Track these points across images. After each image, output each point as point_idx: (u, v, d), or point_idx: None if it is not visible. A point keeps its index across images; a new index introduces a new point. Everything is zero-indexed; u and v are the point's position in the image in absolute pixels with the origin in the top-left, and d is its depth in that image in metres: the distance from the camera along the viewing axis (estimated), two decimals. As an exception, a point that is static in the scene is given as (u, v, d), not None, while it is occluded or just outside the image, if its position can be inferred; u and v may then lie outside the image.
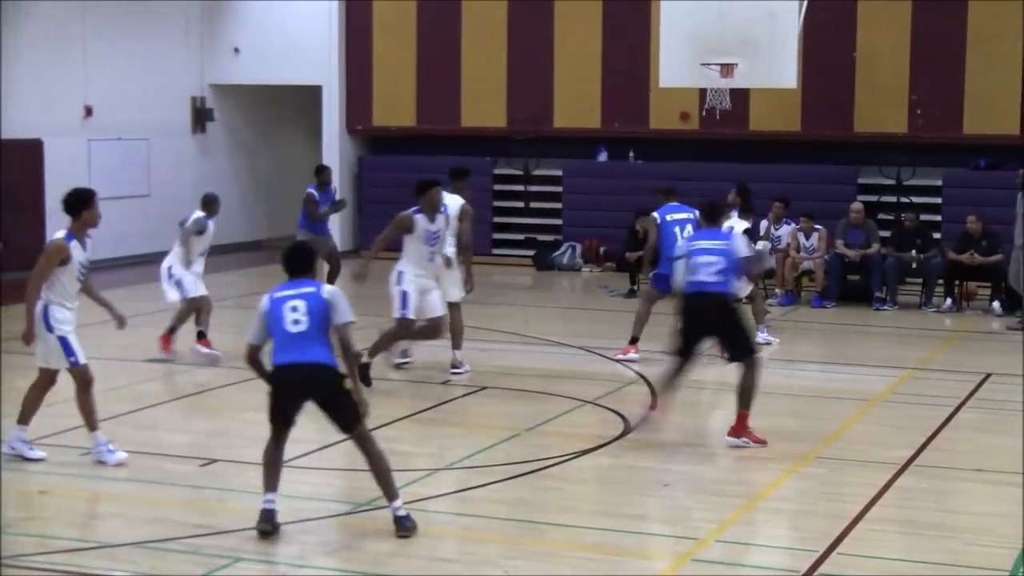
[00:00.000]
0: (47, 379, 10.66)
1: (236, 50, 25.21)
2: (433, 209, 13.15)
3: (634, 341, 14.88)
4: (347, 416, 8.84)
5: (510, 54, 24.05)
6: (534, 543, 8.90)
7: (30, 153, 21.59)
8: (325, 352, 8.77)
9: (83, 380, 10.53)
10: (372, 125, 25.12)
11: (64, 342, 10.43)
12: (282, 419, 8.91)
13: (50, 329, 10.41)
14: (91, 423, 10.55)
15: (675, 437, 11.47)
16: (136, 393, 13.21)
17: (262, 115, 26.62)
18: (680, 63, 20.02)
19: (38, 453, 10.60)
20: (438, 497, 9.70)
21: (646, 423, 11.50)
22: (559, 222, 23.80)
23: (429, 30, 24.45)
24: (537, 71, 23.89)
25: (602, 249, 23.27)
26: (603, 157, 23.85)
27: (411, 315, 13.16)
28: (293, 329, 8.72)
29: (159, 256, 23.72)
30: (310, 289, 8.86)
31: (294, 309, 8.75)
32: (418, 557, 8.48)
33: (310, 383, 8.77)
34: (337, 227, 24.81)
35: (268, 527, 8.77)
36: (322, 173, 18.78)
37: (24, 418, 10.63)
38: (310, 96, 25.33)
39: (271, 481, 8.92)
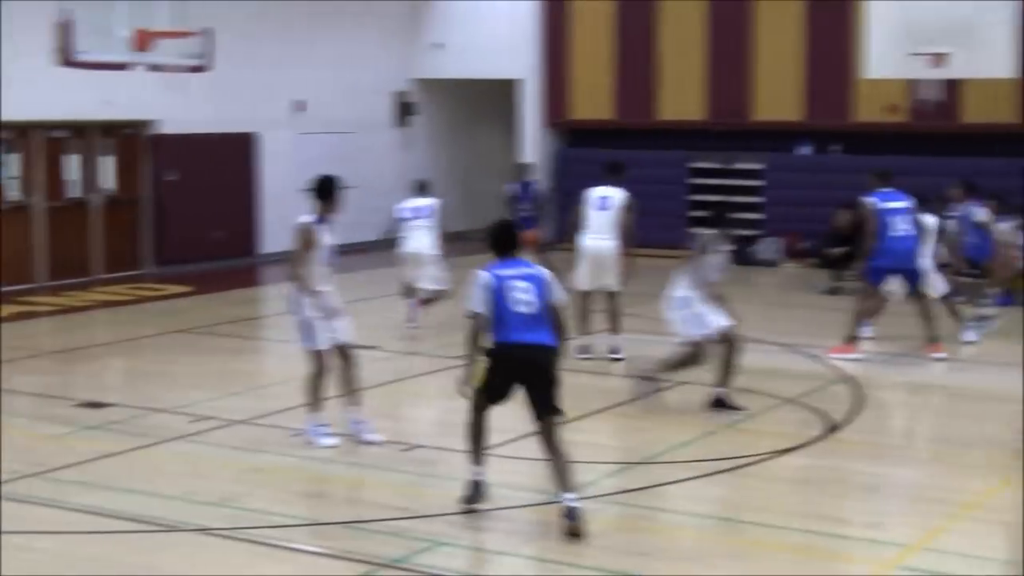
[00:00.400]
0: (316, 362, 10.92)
1: (439, 45, 25.69)
2: None
3: (852, 340, 14.68)
4: (551, 400, 8.89)
5: (709, 45, 23.98)
6: (732, 541, 8.93)
7: (244, 146, 22.40)
8: (550, 334, 8.89)
9: (315, 365, 10.84)
10: (570, 118, 25.33)
11: (304, 325, 10.76)
12: (498, 396, 9.02)
13: (295, 312, 10.80)
14: (315, 404, 10.85)
15: (880, 439, 11.38)
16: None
17: (463, 109, 27.07)
18: (888, 53, 19.48)
19: (330, 440, 10.78)
20: (634, 491, 9.80)
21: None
22: (759, 217, 23.64)
23: (627, 23, 24.54)
24: (737, 62, 23.78)
25: (803, 244, 23.07)
26: (806, 151, 23.63)
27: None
28: (524, 310, 8.80)
29: (361, 247, 24.40)
30: (533, 270, 9.00)
31: (523, 290, 8.84)
32: (613, 550, 8.57)
33: (535, 363, 8.82)
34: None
35: (477, 498, 9.06)
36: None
37: (315, 407, 10.90)
38: (510, 90, 25.66)
39: (479, 454, 9.15)
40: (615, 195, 14.32)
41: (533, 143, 25.19)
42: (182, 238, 21.31)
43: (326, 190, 11.06)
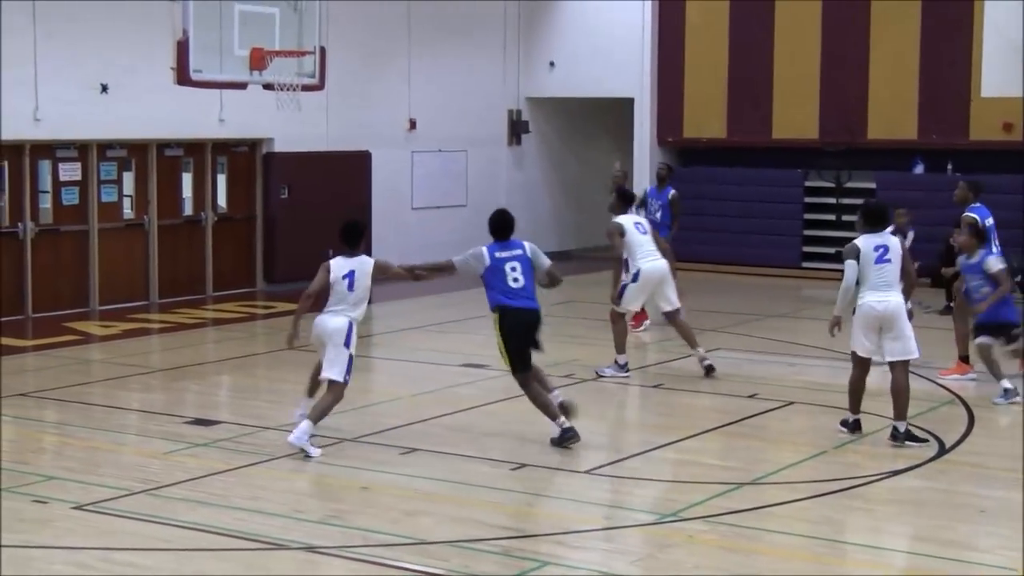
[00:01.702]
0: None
1: (551, 64, 25.71)
2: None
3: (965, 359, 14.42)
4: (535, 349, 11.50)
5: (823, 64, 23.74)
6: (839, 563, 8.79)
7: (359, 164, 22.56)
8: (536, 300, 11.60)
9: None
10: (683, 137, 25.20)
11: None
12: (526, 344, 11.43)
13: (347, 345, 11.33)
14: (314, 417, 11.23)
15: (992, 461, 11.14)
16: (452, 397, 13.63)
17: (574, 127, 27.06)
18: (1005, 70, 19.23)
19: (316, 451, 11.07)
20: (743, 512, 9.68)
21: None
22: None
23: (741, 42, 24.38)
24: (850, 81, 23.52)
25: (916, 264, 22.62)
26: (919, 169, 23.27)
27: None
28: (514, 285, 11.44)
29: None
30: (519, 251, 11.65)
31: (513, 268, 11.50)
32: (722, 571, 8.48)
33: (536, 323, 11.51)
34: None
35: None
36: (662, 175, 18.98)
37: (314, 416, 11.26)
38: (622, 108, 25.59)
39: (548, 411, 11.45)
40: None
41: (645, 161, 25.08)
42: (293, 256, 21.48)
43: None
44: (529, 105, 26.07)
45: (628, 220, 14.87)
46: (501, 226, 11.75)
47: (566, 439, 11.22)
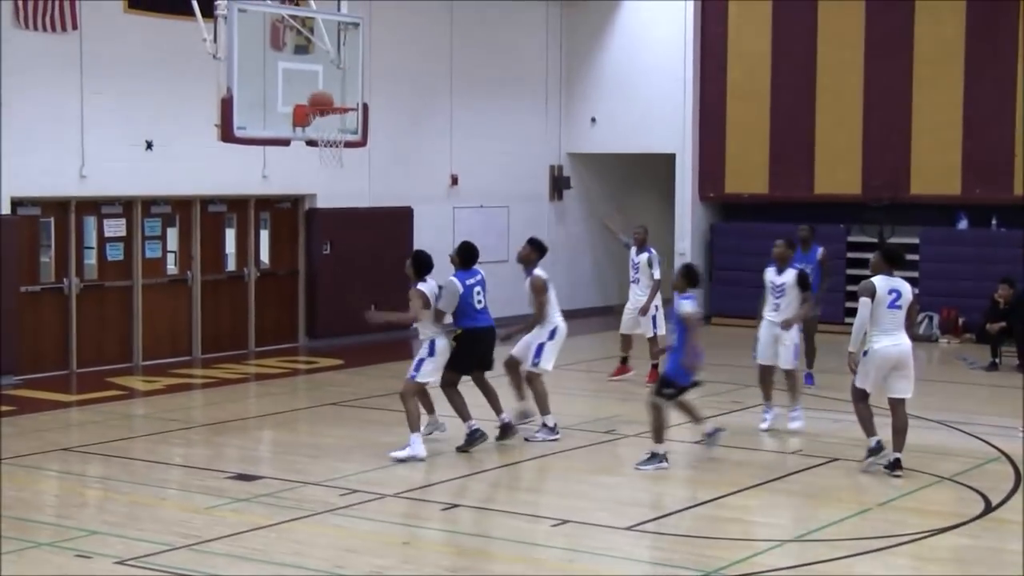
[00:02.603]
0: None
1: (593, 120, 25.80)
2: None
3: None
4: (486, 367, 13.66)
5: (865, 118, 23.72)
6: (885, 620, 8.70)
7: (401, 220, 22.64)
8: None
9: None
10: (724, 192, 25.19)
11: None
12: (479, 366, 13.60)
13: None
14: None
15: (1039, 518, 11.01)
16: (493, 451, 13.58)
17: (616, 182, 27.10)
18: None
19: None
20: (786, 569, 9.60)
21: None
22: (916, 291, 23.13)
23: (783, 97, 24.41)
24: (893, 136, 23.47)
25: (961, 320, 22.54)
26: (963, 224, 23.16)
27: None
28: (478, 306, 13.45)
29: (515, 319, 24.50)
30: (480, 276, 13.54)
31: (478, 292, 13.43)
32: (766, 628, 8.40)
33: (494, 339, 13.66)
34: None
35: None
36: None
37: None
38: (663, 163, 25.62)
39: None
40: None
41: (687, 216, 25.09)
42: (335, 311, 21.55)
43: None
44: (571, 160, 26.14)
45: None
46: (470, 255, 13.67)
47: (473, 440, 13.29)
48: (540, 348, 14.24)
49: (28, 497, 11.48)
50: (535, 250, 14.85)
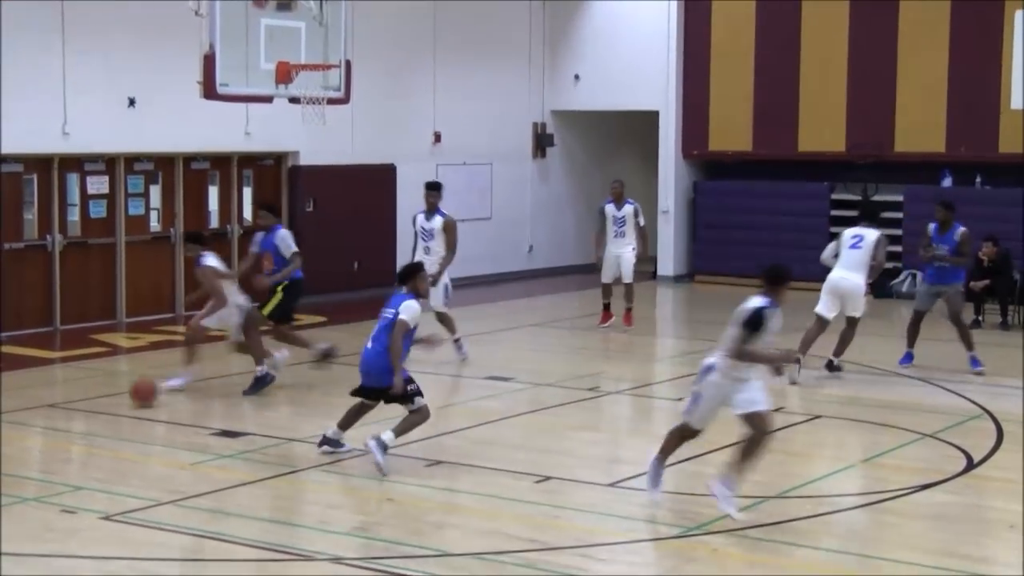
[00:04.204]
0: None
1: (576, 77, 25.73)
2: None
3: None
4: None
5: (850, 76, 23.67)
6: (866, 576, 8.77)
7: (384, 177, 22.61)
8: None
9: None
10: (708, 150, 25.18)
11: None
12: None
13: None
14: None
15: (1020, 476, 11.07)
16: (477, 409, 13.64)
17: (599, 140, 27.06)
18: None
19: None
20: (768, 525, 9.65)
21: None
22: (899, 249, 23.20)
23: (767, 54, 24.35)
24: (878, 94, 23.45)
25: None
26: (947, 183, 23.18)
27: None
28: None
29: (499, 277, 24.50)
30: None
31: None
32: (748, 583, 8.46)
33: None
34: (671, 250, 25.03)
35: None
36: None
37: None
38: (647, 121, 25.59)
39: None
40: (868, 235, 15.40)
41: (670, 174, 25.08)
42: (317, 269, 21.50)
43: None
44: (554, 118, 26.08)
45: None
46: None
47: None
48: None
49: (13, 453, 11.48)
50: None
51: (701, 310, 21.59)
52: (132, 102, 19.01)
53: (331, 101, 15.98)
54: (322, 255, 21.48)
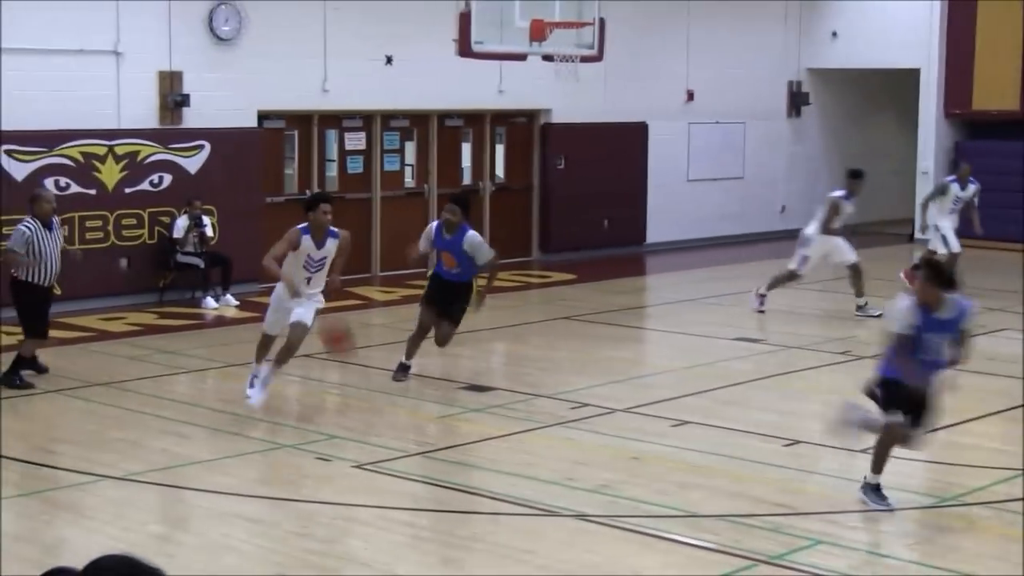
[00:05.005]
0: None
1: (834, 34, 25.13)
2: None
3: None
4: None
5: None
6: None
7: (635, 135, 22.54)
8: None
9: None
10: (971, 109, 24.28)
11: None
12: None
13: None
14: None
15: None
16: (725, 370, 13.50)
17: (856, 99, 26.40)
18: None
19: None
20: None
21: None
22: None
23: (1038, 9, 23.33)
24: None
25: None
26: None
27: None
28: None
29: (750, 237, 24.21)
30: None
31: None
32: (1004, 559, 8.14)
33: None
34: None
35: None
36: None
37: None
38: (906, 79, 24.83)
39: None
40: None
41: (931, 134, 24.30)
42: (569, 226, 21.61)
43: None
44: (810, 77, 25.53)
45: None
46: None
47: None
48: None
49: (271, 400, 11.85)
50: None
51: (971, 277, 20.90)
52: (389, 60, 19.35)
53: (584, 59, 15.98)
54: (572, 213, 21.57)
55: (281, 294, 11.69)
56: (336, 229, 11.84)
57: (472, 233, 12.79)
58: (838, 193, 16.58)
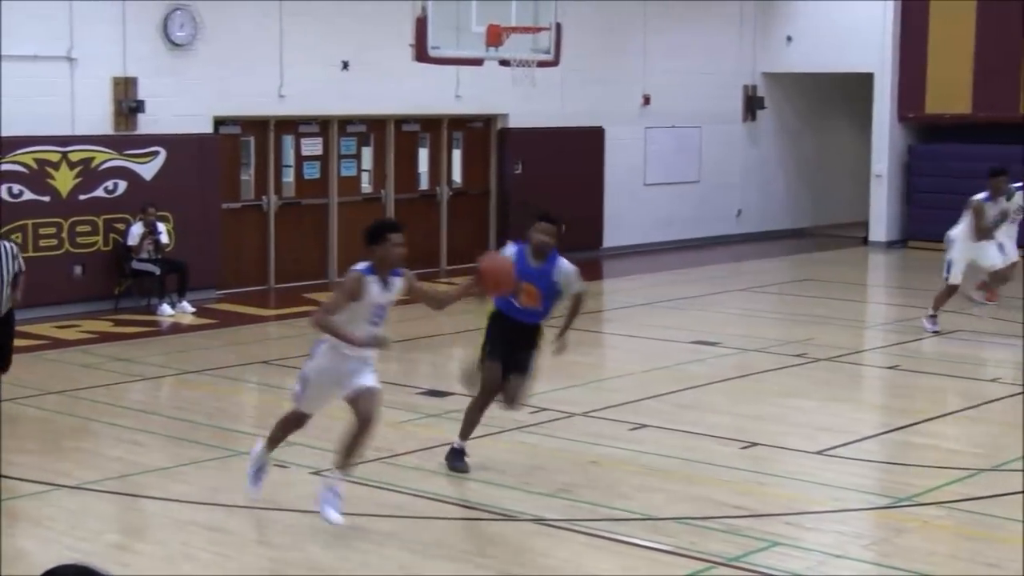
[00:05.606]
0: None
1: (789, 39, 25.26)
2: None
3: None
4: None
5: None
6: (1087, 553, 8.44)
7: (593, 140, 22.59)
8: None
9: None
10: (924, 113, 24.47)
11: None
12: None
13: None
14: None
15: None
16: (683, 374, 13.54)
17: (810, 103, 26.55)
18: None
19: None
20: (982, 499, 9.36)
21: None
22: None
23: (988, 13, 23.52)
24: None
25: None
26: None
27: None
28: None
29: (706, 241, 24.29)
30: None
31: None
32: (958, 558, 8.22)
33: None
34: (883, 216, 24.43)
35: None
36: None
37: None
38: (860, 83, 25.00)
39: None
40: None
41: (884, 138, 24.47)
42: (527, 231, 21.59)
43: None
44: (765, 80, 25.67)
45: None
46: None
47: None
48: None
49: (228, 408, 11.81)
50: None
51: (914, 277, 21.07)
52: (346, 65, 19.33)
53: (541, 63, 16.01)
54: (530, 217, 21.56)
55: (328, 365, 9.08)
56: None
57: (564, 260, 10.19)
58: (980, 196, 15.63)
